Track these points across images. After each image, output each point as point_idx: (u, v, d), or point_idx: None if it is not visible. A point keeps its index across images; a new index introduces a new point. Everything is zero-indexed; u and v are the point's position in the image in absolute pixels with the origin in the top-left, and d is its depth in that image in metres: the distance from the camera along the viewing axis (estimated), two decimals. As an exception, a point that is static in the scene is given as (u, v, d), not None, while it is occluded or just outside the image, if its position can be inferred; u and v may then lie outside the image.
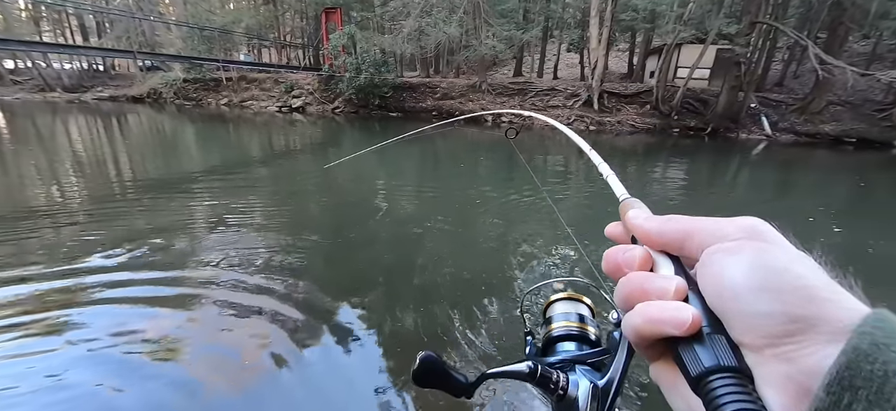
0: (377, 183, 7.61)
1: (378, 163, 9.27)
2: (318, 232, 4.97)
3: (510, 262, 4.20)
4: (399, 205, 6.16)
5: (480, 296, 3.50)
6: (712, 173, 10.49)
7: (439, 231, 5.08)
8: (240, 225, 4.96)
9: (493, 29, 19.55)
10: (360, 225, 5.21)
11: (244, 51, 31.29)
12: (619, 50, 26.67)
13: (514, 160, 9.36)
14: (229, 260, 3.99)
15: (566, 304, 0.61)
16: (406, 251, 4.42)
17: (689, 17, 16.07)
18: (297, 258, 4.08)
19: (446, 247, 4.60)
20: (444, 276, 3.86)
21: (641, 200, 0.34)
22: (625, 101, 18.63)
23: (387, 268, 4.05)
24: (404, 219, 5.49)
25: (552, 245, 4.59)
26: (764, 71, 19.76)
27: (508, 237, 4.95)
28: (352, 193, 6.90)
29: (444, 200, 6.56)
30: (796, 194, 8.72)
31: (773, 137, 16.29)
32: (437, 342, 2.93)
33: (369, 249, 4.43)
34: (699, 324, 0.23)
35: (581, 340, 0.56)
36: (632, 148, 13.68)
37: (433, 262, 4.16)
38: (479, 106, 19.83)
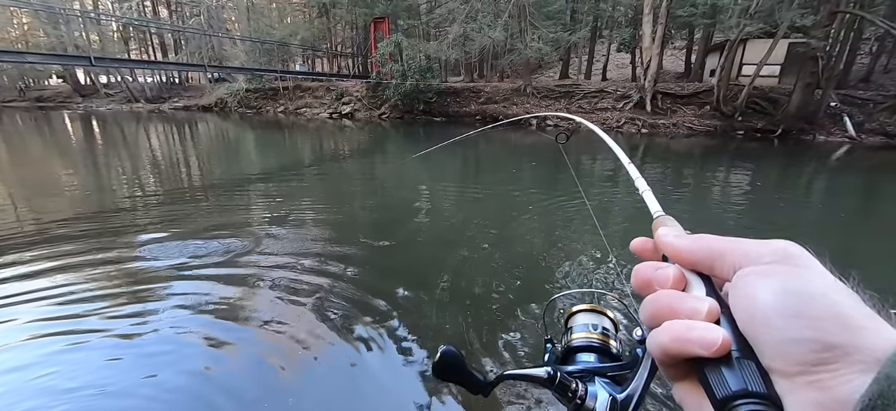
0: (421, 186, 7.77)
1: (422, 166, 9.46)
2: (364, 232, 5.16)
3: (544, 269, 4.11)
4: (441, 208, 6.25)
5: (512, 299, 3.47)
6: (782, 179, 9.54)
7: (479, 233, 5.08)
8: (291, 224, 5.29)
9: (539, 31, 19.24)
10: (403, 225, 5.35)
11: (299, 61, 33.30)
12: (675, 48, 25.16)
13: (561, 165, 9.12)
14: (279, 257, 4.26)
15: (589, 316, 0.61)
16: (443, 252, 4.46)
17: (757, 8, 14.78)
18: (343, 257, 4.27)
19: (483, 249, 4.58)
20: (477, 278, 3.85)
21: (693, 210, 0.33)
22: (681, 102, 17.51)
23: (425, 266, 4.12)
24: (445, 222, 5.56)
25: (587, 255, 4.39)
26: (846, 65, 17.69)
27: (546, 243, 4.84)
28: (396, 196, 7.11)
29: (487, 203, 6.55)
30: (887, 203, 7.71)
31: (858, 139, 14.51)
32: (460, 339, 2.95)
33: (411, 249, 4.54)
34: (729, 347, 0.22)
35: (602, 353, 0.56)
36: (688, 151, 12.84)
37: (469, 264, 4.16)
38: (523, 110, 19.56)
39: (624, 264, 3.59)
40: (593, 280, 3.89)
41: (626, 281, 0.31)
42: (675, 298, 0.26)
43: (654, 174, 9.50)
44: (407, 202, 6.57)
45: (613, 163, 10.84)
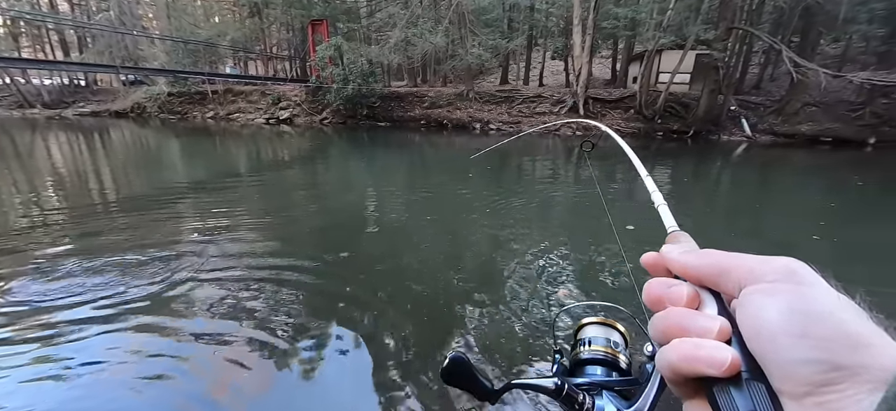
0: (366, 189, 7.61)
1: (367, 170, 9.29)
2: (313, 243, 4.94)
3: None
4: (390, 212, 6.18)
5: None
6: (696, 175, 10.72)
7: (438, 239, 5.10)
8: (228, 238, 4.91)
9: (479, 38, 19.83)
10: (351, 235, 5.21)
11: (230, 63, 31.14)
12: (603, 56, 27.23)
13: (500, 171, 9.43)
14: (215, 275, 3.94)
15: (598, 329, 0.60)
16: (398, 262, 4.42)
17: (668, 23, 16.53)
18: (291, 272, 4.05)
19: (437, 250, 4.61)
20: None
21: (626, 206, 0.34)
22: (609, 106, 18.99)
23: (382, 279, 4.05)
24: (397, 226, 5.50)
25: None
26: (742, 74, 20.39)
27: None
28: (340, 201, 6.88)
29: (438, 203, 6.60)
30: (777, 194, 8.97)
31: (753, 139, 16.74)
32: (465, 347, 2.94)
33: (367, 261, 4.42)
34: (738, 367, 0.22)
35: (610, 366, 0.55)
36: (617, 151, 13.92)
37: (432, 268, 4.17)
38: (466, 114, 20.01)
39: (642, 278, 3.78)
40: (605, 293, 3.93)
41: (639, 293, 0.31)
42: (685, 316, 0.26)
43: (594, 170, 10.18)
44: (353, 208, 6.41)
45: (551, 162, 11.45)
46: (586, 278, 4.09)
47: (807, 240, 5.30)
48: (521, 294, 3.65)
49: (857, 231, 5.76)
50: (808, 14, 16.60)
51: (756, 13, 19.14)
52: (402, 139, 15.81)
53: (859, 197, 8.34)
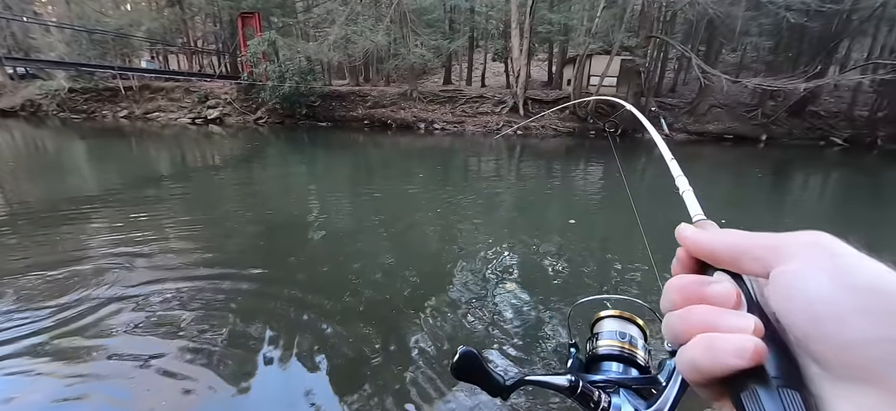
0: (308, 192, 7.29)
1: (309, 172, 8.90)
2: (262, 252, 4.62)
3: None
4: (337, 215, 5.97)
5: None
6: (624, 169, 11.67)
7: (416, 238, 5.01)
8: (148, 253, 4.43)
9: (421, 38, 19.85)
10: (295, 241, 4.96)
11: (146, 57, 28.09)
12: (540, 59, 28.57)
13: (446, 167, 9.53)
14: (133, 295, 3.55)
15: (616, 323, 0.56)
16: (347, 266, 4.29)
17: (596, 30, 17.79)
18: (225, 284, 3.76)
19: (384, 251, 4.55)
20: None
21: (566, 197, 0.31)
22: (547, 107, 19.96)
23: (330, 285, 3.90)
24: (345, 229, 5.33)
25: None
26: (660, 79, 22.53)
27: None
28: (280, 206, 6.52)
29: (385, 202, 6.50)
30: (694, 180, 10.04)
31: (670, 136, 18.58)
32: (419, 353, 2.89)
33: (313, 268, 4.23)
34: (764, 355, 0.21)
35: (628, 363, 0.53)
36: (555, 150, 14.71)
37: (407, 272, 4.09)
38: (411, 114, 19.93)
39: (666, 275, 3.91)
40: (626, 286, 3.95)
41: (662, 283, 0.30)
42: (713, 314, 0.24)
43: (535, 170, 10.66)
44: (290, 212, 6.11)
45: (496, 161, 11.81)
46: (606, 271, 4.29)
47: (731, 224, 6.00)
48: (478, 292, 3.73)
49: (764, 214, 6.66)
50: (712, 26, 18.78)
51: (670, 24, 21.26)
52: (345, 139, 15.36)
53: (759, 186, 9.63)
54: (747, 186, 9.68)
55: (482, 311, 3.37)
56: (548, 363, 2.79)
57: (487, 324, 3.19)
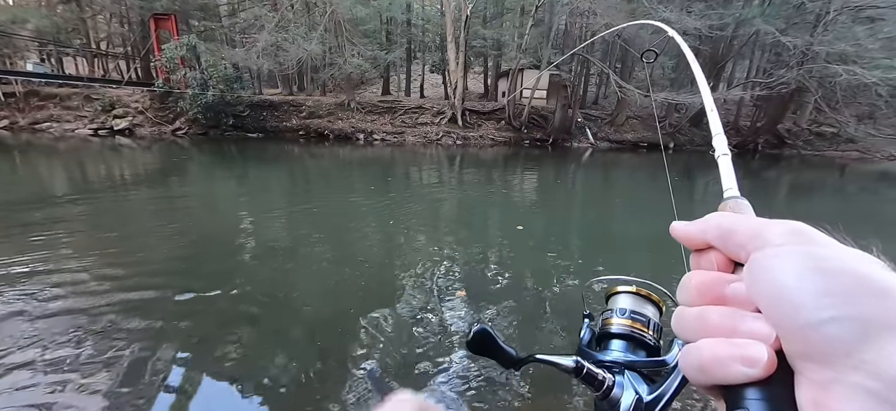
0: (240, 208, 6.79)
1: (240, 187, 8.31)
2: (186, 275, 4.18)
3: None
4: (273, 232, 5.63)
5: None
6: (556, 174, 12.48)
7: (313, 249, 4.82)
8: (45, 283, 3.83)
9: (357, 48, 19.61)
10: (225, 262, 4.59)
11: (34, 59, 24.35)
12: (476, 72, 29.61)
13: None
14: (28, 338, 3.05)
15: (632, 300, 0.54)
16: (288, 286, 4.06)
17: (526, 46, 18.93)
18: (143, 312, 3.36)
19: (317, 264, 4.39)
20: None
21: (506, 202, 0.31)
22: (484, 118, 20.72)
23: (268, 307, 3.66)
24: (284, 246, 5.04)
25: (498, 262, 4.77)
26: (584, 92, 24.49)
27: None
28: (207, 225, 5.99)
29: (320, 217, 6.26)
30: (617, 183, 11.02)
31: (595, 145, 20.26)
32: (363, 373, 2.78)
33: (248, 290, 3.93)
34: (775, 366, 0.20)
35: (638, 343, 0.51)
36: (493, 159, 15.29)
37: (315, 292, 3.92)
38: (349, 124, 19.52)
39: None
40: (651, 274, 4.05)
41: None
42: (729, 320, 0.23)
43: (478, 178, 10.96)
44: (232, 230, 5.65)
45: (438, 169, 11.95)
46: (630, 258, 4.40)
47: (652, 221, 6.65)
48: (428, 304, 3.73)
49: (695, 209, 7.47)
50: (625, 45, 20.92)
51: (591, 43, 23.28)
52: (279, 151, 14.58)
53: (675, 187, 10.79)
54: (665, 188, 10.84)
55: (433, 323, 3.39)
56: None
57: (439, 335, 3.22)
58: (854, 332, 0.18)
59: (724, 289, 0.24)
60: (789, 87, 19.42)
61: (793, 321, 0.19)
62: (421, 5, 27.19)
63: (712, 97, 0.51)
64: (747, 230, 0.24)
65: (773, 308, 0.20)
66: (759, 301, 0.21)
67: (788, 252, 0.21)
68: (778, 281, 0.20)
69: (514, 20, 23.87)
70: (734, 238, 0.24)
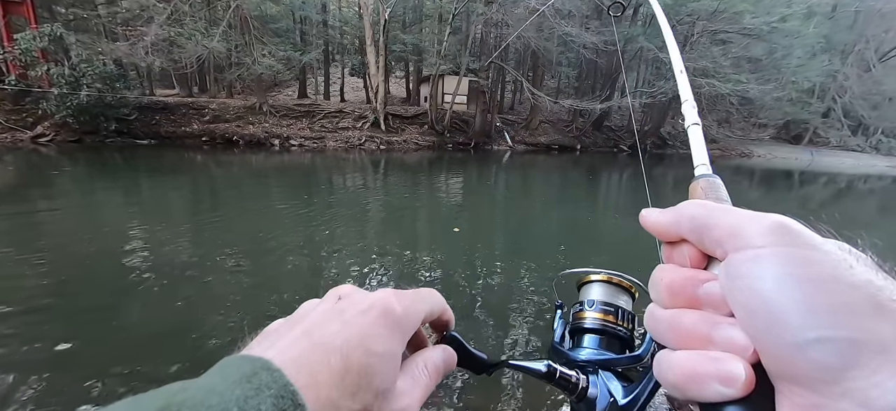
0: (129, 228, 5.84)
1: (128, 203, 7.17)
2: (59, 312, 3.42)
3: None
4: (171, 253, 4.93)
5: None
6: (480, 176, 12.97)
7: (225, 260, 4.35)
8: None
9: (268, 48, 18.27)
10: (114, 293, 3.90)
11: None
12: (397, 76, 29.54)
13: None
14: None
15: (604, 290, 0.50)
16: (192, 316, 3.58)
17: (445, 53, 19.42)
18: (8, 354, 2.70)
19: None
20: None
21: (429, 205, 0.29)
22: (407, 122, 20.73)
23: (169, 342, 3.18)
24: (179, 274, 4.43)
25: (427, 266, 4.61)
26: (501, 98, 25.87)
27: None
28: (86, 247, 5.04)
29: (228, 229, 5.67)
30: (535, 183, 11.80)
31: (513, 148, 21.51)
32: None
33: (138, 323, 3.38)
34: (754, 385, 0.18)
35: (611, 337, 0.47)
36: (418, 163, 15.36)
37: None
38: (262, 129, 18.06)
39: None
40: (533, 284, 3.97)
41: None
42: (703, 327, 0.21)
43: (404, 181, 10.86)
44: (117, 254, 4.81)
45: (353, 176, 11.64)
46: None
47: (579, 216, 7.19)
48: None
49: (586, 203, 8.21)
50: (535, 57, 22.63)
51: (505, 52, 24.72)
52: (178, 160, 12.92)
53: (589, 185, 11.88)
54: (576, 185, 11.89)
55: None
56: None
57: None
58: (842, 357, 0.16)
59: (697, 290, 0.22)
60: (667, 96, 22.75)
61: (774, 339, 0.18)
62: (338, 7, 26.32)
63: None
64: (725, 226, 0.21)
65: (752, 321, 0.19)
66: (735, 310, 0.20)
67: (770, 255, 0.19)
68: (757, 291, 0.18)
69: (433, 27, 24.32)
70: (711, 233, 0.22)
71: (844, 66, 29.72)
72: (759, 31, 20.49)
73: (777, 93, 22.97)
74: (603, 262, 5.38)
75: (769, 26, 20.12)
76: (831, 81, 30.07)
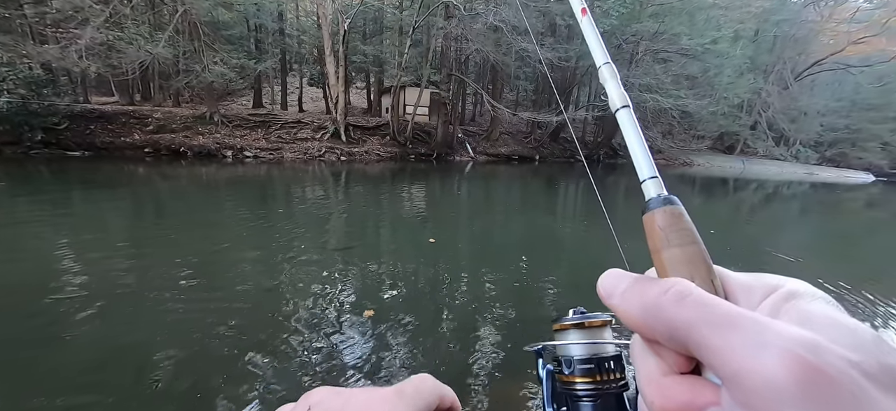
0: (56, 251, 5.27)
1: (57, 223, 6.50)
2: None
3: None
4: (112, 281, 4.50)
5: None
6: (443, 187, 13.03)
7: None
8: None
9: (220, 55, 17.46)
10: (41, 328, 3.50)
11: None
12: (358, 87, 29.23)
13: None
14: None
15: (582, 337, 0.38)
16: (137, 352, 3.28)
17: (406, 64, 19.51)
18: None
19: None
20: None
21: (393, 216, 0.24)
22: (368, 133, 20.50)
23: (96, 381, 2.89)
24: (119, 302, 4.05)
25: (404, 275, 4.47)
26: (462, 110, 26.30)
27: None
28: (3, 277, 4.50)
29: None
30: (498, 193, 12.03)
31: (475, 158, 21.86)
32: None
33: (70, 361, 3.04)
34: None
35: (607, 397, 0.36)
36: (381, 174, 15.19)
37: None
38: (212, 140, 17.11)
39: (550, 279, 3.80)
40: (520, 298, 3.83)
41: None
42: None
43: (368, 192, 10.67)
44: (41, 283, 4.31)
45: (313, 189, 11.31)
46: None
47: (539, 223, 7.36)
48: (341, 334, 3.44)
49: (546, 208, 8.46)
50: (495, 70, 23.29)
51: (465, 65, 25.26)
52: (116, 173, 11.91)
53: (546, 192, 12.23)
54: (537, 194, 12.26)
55: (338, 347, 3.16)
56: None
57: (347, 358, 3.00)
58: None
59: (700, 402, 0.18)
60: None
61: None
62: (295, 15, 25.74)
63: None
64: (711, 344, 0.16)
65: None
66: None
67: (794, 372, 0.14)
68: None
69: (394, 39, 24.40)
70: (702, 355, 0.17)
71: (767, 84, 33.12)
72: (694, 52, 22.41)
73: (712, 107, 25.16)
74: (564, 269, 5.57)
75: (703, 47, 22.06)
76: (757, 98, 33.39)
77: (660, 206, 0.23)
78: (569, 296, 4.33)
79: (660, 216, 0.22)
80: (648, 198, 0.24)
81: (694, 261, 0.21)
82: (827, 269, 6.18)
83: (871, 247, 8.70)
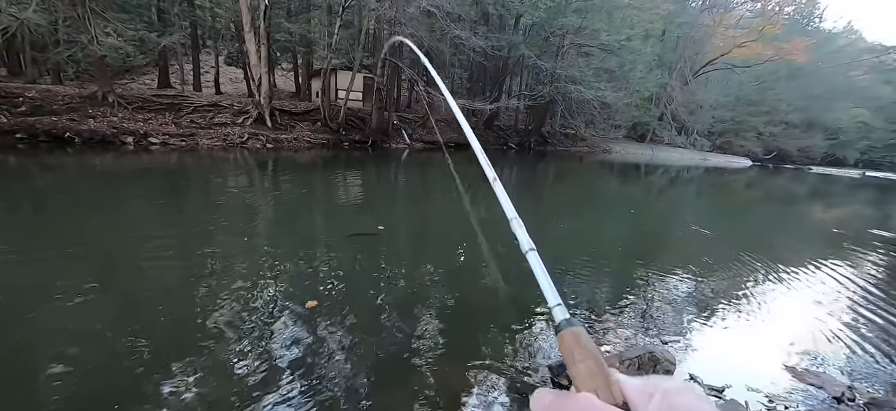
0: None
1: None
2: None
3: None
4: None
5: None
6: (379, 175, 12.72)
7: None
8: None
9: (113, 25, 15.08)
10: None
11: None
12: (285, 69, 27.24)
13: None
14: None
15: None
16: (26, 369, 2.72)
17: (337, 46, 18.56)
18: None
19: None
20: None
21: (327, 208, 0.25)
22: (297, 119, 19.26)
23: None
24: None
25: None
26: (398, 96, 25.81)
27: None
28: None
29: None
30: (435, 181, 12.00)
31: (411, 145, 21.65)
32: None
33: None
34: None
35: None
36: (312, 162, 14.39)
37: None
38: (107, 124, 14.80)
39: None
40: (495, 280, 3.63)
41: None
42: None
43: (293, 182, 9.99)
44: None
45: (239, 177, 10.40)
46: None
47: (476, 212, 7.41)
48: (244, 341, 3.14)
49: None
50: (430, 57, 23.13)
51: (399, 50, 24.72)
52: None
53: (486, 182, 12.46)
54: (473, 180, 12.47)
55: (279, 342, 2.90)
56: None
57: (289, 350, 2.77)
58: None
59: None
60: (545, 100, 25.47)
61: None
62: (206, -16, 23.06)
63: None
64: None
65: None
66: None
67: None
68: None
69: (322, 18, 23.03)
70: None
71: (671, 80, 37.20)
72: (612, 47, 24.34)
73: (627, 99, 27.65)
74: (486, 252, 5.75)
75: (619, 43, 24.04)
76: (663, 91, 37.37)
77: (566, 329, 0.28)
78: (504, 281, 4.49)
79: (567, 337, 0.28)
80: (558, 321, 0.29)
81: (595, 375, 0.25)
82: (724, 241, 7.16)
83: (753, 221, 10.27)
